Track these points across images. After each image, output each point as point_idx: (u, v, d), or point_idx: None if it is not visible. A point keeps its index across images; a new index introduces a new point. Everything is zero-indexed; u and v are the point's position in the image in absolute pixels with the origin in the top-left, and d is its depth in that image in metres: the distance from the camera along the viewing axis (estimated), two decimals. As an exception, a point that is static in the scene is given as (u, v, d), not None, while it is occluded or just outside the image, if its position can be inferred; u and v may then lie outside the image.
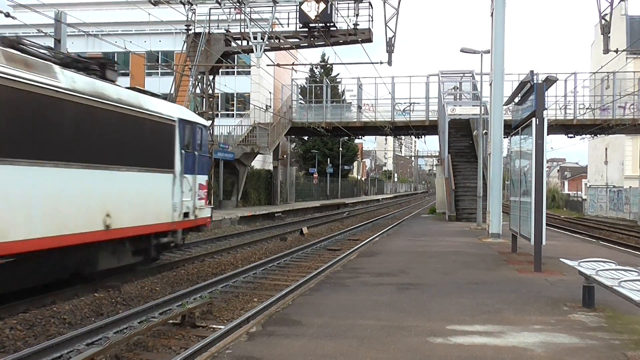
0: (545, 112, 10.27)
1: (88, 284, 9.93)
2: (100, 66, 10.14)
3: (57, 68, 8.61)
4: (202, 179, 13.40)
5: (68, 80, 8.63)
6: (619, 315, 6.84)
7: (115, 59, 17.34)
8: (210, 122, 19.19)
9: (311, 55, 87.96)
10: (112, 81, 10.24)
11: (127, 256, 10.92)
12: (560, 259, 8.70)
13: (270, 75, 35.95)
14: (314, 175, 52.20)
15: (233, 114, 44.06)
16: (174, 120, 11.75)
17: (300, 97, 40.97)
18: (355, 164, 74.05)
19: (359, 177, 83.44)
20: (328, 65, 50.50)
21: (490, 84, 16.69)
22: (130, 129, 10.28)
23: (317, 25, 22.14)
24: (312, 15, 21.82)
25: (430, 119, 35.84)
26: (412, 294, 8.24)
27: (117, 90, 10.08)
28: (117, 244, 10.34)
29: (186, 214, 12.40)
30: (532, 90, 10.58)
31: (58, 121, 8.45)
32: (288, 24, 23.48)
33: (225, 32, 24.31)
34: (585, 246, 16.52)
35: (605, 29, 20.72)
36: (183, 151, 12.13)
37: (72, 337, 6.81)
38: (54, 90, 8.23)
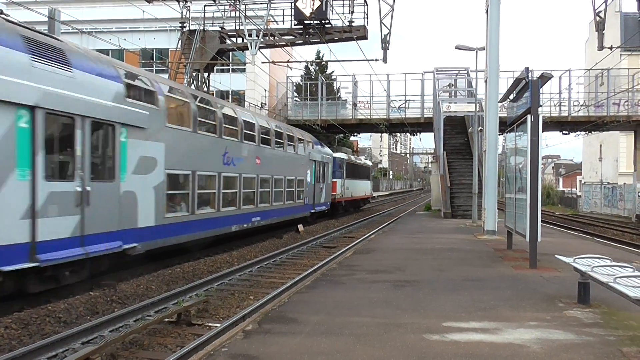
0: (540, 109, 10.29)
1: (83, 283, 9.90)
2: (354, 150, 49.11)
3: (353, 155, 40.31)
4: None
5: (363, 161, 43.40)
6: (614, 312, 6.87)
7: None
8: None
9: (306, 53, 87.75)
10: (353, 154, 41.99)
11: (362, 204, 41.10)
12: (556, 256, 8.74)
13: (266, 73, 35.88)
14: (310, 173, 52.18)
15: (228, 111, 43.76)
16: (370, 166, 46.27)
17: (295, 94, 40.90)
18: (350, 161, 73.92)
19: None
20: (323, 63, 50.33)
21: (486, 81, 16.72)
22: (363, 169, 40.09)
23: (312, 22, 22.10)
24: (307, 12, 21.79)
25: (425, 116, 35.83)
26: (408, 291, 8.25)
27: (360, 159, 42.34)
28: (362, 200, 40.33)
29: (370, 192, 44.24)
30: (527, 87, 10.59)
31: (358, 170, 37.49)
32: (283, 21, 23.40)
33: (220, 29, 24.20)
34: (580, 243, 16.59)
35: (600, 26, 20.78)
36: (370, 173, 45.20)
37: (68, 336, 6.79)
38: (359, 163, 39.58)
